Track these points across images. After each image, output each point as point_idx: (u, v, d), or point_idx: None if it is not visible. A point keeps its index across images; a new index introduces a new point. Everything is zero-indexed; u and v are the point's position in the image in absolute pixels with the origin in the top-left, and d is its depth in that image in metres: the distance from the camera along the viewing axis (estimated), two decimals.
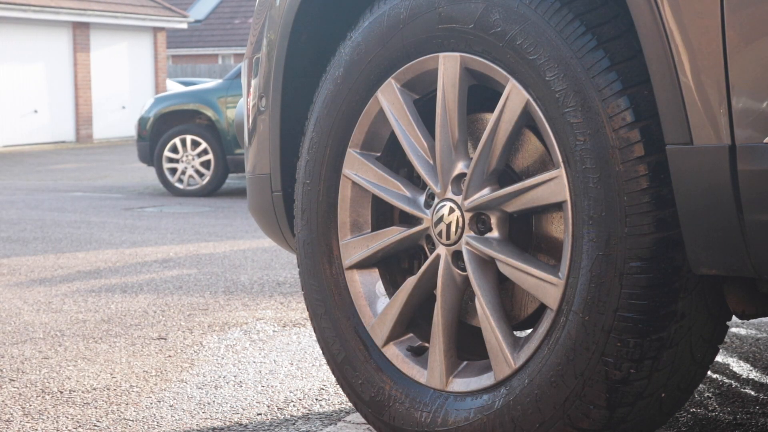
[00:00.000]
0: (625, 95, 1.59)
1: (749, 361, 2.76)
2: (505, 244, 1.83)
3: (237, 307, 3.85)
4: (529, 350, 1.75)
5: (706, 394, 2.42)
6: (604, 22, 1.63)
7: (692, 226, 1.53)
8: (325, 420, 2.34)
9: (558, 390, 1.69)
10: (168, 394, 2.58)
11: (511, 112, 1.75)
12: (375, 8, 1.99)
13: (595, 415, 1.68)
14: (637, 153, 1.58)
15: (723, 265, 1.53)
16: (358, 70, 2.00)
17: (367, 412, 2.03)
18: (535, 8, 1.69)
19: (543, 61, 1.67)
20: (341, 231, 2.08)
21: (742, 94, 1.46)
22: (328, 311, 2.09)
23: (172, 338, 3.28)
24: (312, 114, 2.11)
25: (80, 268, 4.90)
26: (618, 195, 1.59)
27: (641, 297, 1.60)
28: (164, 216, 7.72)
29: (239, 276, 4.64)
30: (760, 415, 2.24)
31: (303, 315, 3.65)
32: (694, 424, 2.18)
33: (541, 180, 1.73)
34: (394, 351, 2.00)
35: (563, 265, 1.70)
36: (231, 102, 11.14)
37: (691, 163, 1.51)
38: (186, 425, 2.32)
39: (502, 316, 1.81)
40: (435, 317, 1.91)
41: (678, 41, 1.50)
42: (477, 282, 1.83)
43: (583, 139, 1.63)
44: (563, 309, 1.69)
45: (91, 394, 2.58)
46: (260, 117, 2.31)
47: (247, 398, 2.53)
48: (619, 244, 1.60)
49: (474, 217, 1.85)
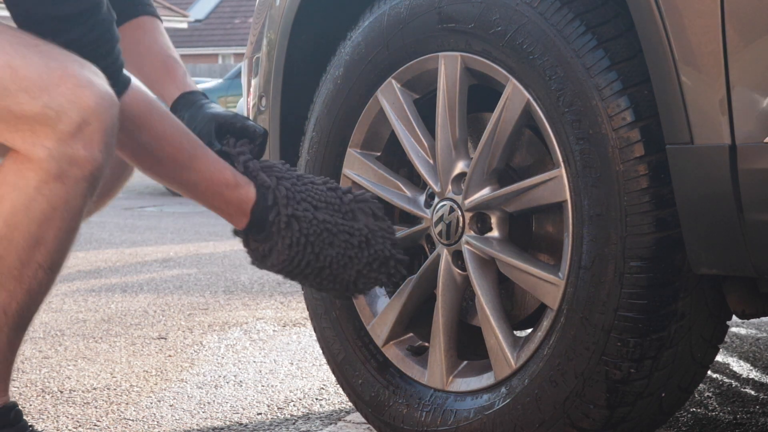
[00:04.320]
0: (625, 95, 1.59)
1: (749, 361, 2.76)
2: (505, 243, 1.83)
3: (237, 307, 3.85)
4: (529, 350, 1.75)
5: (706, 393, 2.42)
6: (604, 21, 1.63)
7: (692, 226, 1.53)
8: (325, 420, 2.34)
9: (558, 389, 1.69)
10: (168, 394, 2.58)
11: (511, 111, 1.75)
12: (375, 8, 1.99)
13: (596, 415, 1.68)
14: (637, 153, 1.58)
15: (723, 264, 1.53)
16: (358, 70, 2.00)
17: (367, 411, 2.03)
18: (536, 8, 1.69)
19: (543, 60, 1.67)
20: None
21: (742, 93, 1.46)
22: (327, 311, 2.09)
23: (172, 338, 3.28)
24: (312, 114, 2.11)
25: (80, 268, 4.90)
26: (618, 195, 1.59)
27: (641, 297, 1.60)
28: (164, 216, 7.72)
29: (239, 276, 4.64)
30: (760, 415, 2.24)
31: (303, 315, 3.65)
32: (694, 423, 2.18)
33: (541, 180, 1.73)
34: (394, 351, 2.00)
35: (563, 265, 1.70)
36: (231, 102, 11.13)
37: (691, 162, 1.51)
38: (186, 425, 2.32)
39: (502, 316, 1.81)
40: (435, 317, 1.91)
41: (678, 41, 1.50)
42: (477, 282, 1.83)
43: (583, 139, 1.63)
44: (563, 309, 1.69)
45: (91, 394, 2.58)
46: (260, 117, 2.31)
47: (247, 398, 2.53)
48: (619, 243, 1.60)
49: (474, 217, 1.85)
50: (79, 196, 1.55)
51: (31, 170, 1.52)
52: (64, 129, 1.51)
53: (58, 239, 1.56)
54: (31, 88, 1.51)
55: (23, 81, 1.51)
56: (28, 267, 1.55)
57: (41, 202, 1.53)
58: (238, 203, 1.74)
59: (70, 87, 1.52)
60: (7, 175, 1.54)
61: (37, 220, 1.54)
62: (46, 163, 1.52)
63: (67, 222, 1.56)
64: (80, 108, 1.51)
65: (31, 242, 1.54)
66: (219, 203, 1.75)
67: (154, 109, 1.73)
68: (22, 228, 1.53)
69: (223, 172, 1.74)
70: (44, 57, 1.54)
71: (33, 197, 1.53)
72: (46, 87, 1.52)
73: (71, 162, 1.52)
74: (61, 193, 1.53)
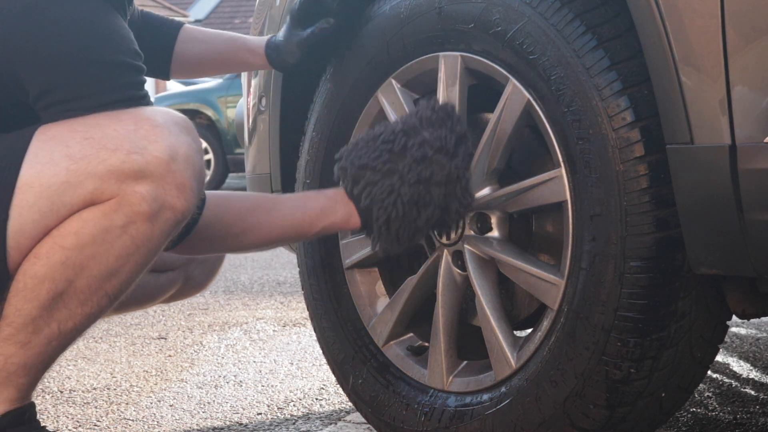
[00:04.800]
0: (625, 95, 1.59)
1: (749, 360, 2.76)
2: (505, 243, 1.83)
3: (237, 307, 3.85)
4: (530, 350, 1.75)
5: (706, 393, 2.42)
6: (604, 21, 1.63)
7: (692, 226, 1.53)
8: (325, 420, 2.34)
9: (558, 389, 1.69)
10: (168, 394, 2.58)
11: (511, 111, 1.75)
12: (375, 7, 1.98)
13: (596, 415, 1.68)
14: (637, 153, 1.58)
15: (723, 264, 1.53)
16: (359, 70, 2.00)
17: (367, 411, 2.03)
18: (536, 8, 1.69)
19: (543, 60, 1.67)
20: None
21: (742, 93, 1.46)
22: (327, 311, 2.09)
23: (172, 338, 3.28)
24: (312, 114, 2.11)
25: None
26: (618, 195, 1.59)
27: (641, 297, 1.60)
28: None
29: (239, 276, 4.64)
30: (760, 415, 2.24)
31: (303, 315, 3.65)
32: (694, 423, 2.18)
33: (541, 180, 1.73)
34: (395, 351, 2.00)
35: (563, 265, 1.70)
36: (231, 101, 11.15)
37: (691, 162, 1.51)
38: (186, 425, 2.32)
39: (502, 316, 1.81)
40: (435, 317, 1.91)
41: (678, 41, 1.50)
42: (477, 282, 1.83)
43: (583, 139, 1.63)
44: (563, 309, 1.69)
45: (91, 394, 2.58)
46: (260, 117, 2.31)
47: (247, 398, 2.53)
48: (619, 243, 1.60)
49: (474, 217, 1.85)
50: (163, 236, 1.58)
51: (118, 211, 1.55)
52: (154, 170, 1.54)
53: (131, 273, 1.60)
54: (110, 144, 1.54)
55: (102, 141, 1.55)
56: (95, 294, 1.58)
57: (125, 239, 1.56)
58: (343, 214, 1.81)
59: (147, 128, 1.56)
60: (90, 212, 1.56)
61: (117, 255, 1.57)
62: (138, 205, 1.55)
63: (145, 257, 1.59)
64: (164, 145, 1.55)
65: (106, 274, 1.57)
66: (325, 224, 1.82)
67: (223, 199, 1.79)
68: (100, 260, 1.56)
69: (306, 199, 1.85)
70: (114, 117, 1.58)
71: (117, 234, 1.55)
72: (125, 137, 1.55)
73: (164, 205, 1.56)
74: (147, 232, 1.57)
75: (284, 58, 2.02)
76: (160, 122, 1.57)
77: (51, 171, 1.54)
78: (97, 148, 1.54)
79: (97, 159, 1.54)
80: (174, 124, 1.59)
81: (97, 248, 1.55)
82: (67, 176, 1.54)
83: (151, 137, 1.55)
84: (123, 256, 1.57)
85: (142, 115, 1.58)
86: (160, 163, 1.54)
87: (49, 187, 1.54)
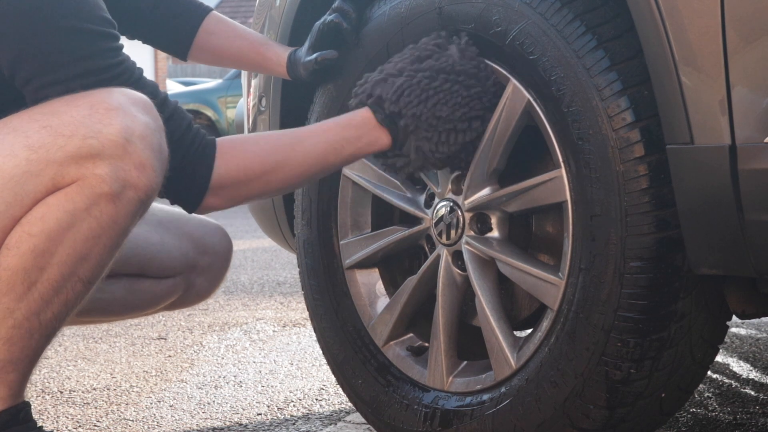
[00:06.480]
0: (625, 95, 1.59)
1: (749, 361, 2.76)
2: (505, 244, 1.83)
3: (237, 307, 3.85)
4: (529, 350, 1.75)
5: (706, 394, 2.42)
6: (604, 22, 1.63)
7: (692, 226, 1.53)
8: (325, 420, 2.34)
9: (558, 390, 1.69)
10: (168, 394, 2.58)
11: (511, 111, 1.75)
12: (375, 8, 1.98)
13: (595, 415, 1.68)
14: (637, 153, 1.58)
15: (723, 265, 1.53)
16: (359, 70, 2.00)
17: (367, 412, 2.03)
18: (536, 8, 1.69)
19: (543, 61, 1.67)
20: (341, 231, 2.08)
21: (742, 93, 1.46)
22: (328, 311, 2.09)
23: (172, 338, 3.29)
24: (312, 114, 2.11)
25: None
26: (618, 195, 1.59)
27: (641, 297, 1.60)
28: None
29: (239, 276, 4.64)
30: (760, 415, 2.24)
31: (303, 315, 3.65)
32: (694, 423, 2.18)
33: (541, 180, 1.73)
34: (395, 351, 2.00)
35: (563, 265, 1.70)
36: (231, 102, 11.16)
37: (691, 162, 1.51)
38: (186, 425, 2.32)
39: (502, 316, 1.81)
40: (435, 317, 1.91)
41: (678, 41, 1.50)
42: (477, 282, 1.83)
43: (583, 139, 1.63)
44: (563, 309, 1.69)
45: (91, 394, 2.58)
46: (260, 117, 2.31)
47: (247, 398, 2.53)
48: (619, 244, 1.60)
49: (474, 217, 1.85)
50: (128, 216, 1.59)
51: (80, 193, 1.56)
52: (111, 152, 1.55)
53: (101, 256, 1.60)
54: (66, 131, 1.55)
55: (59, 129, 1.56)
56: (69, 280, 1.59)
57: (90, 221, 1.57)
58: (368, 131, 1.80)
59: (102, 112, 1.56)
60: (54, 197, 1.57)
61: (84, 237, 1.57)
62: (98, 187, 1.56)
63: (113, 240, 1.60)
64: (118, 128, 1.55)
65: (75, 258, 1.58)
66: (352, 147, 1.80)
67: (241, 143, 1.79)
68: (68, 244, 1.57)
69: (327, 130, 1.81)
70: (71, 103, 1.58)
71: (82, 217, 1.56)
72: (80, 123, 1.56)
73: (125, 184, 1.56)
74: (111, 213, 1.57)
75: (299, 74, 2.04)
76: (115, 105, 1.57)
77: (12, 162, 1.56)
78: (54, 136, 1.55)
79: (55, 146, 1.55)
80: (131, 104, 1.59)
81: (64, 233, 1.56)
82: (27, 166, 1.55)
83: (105, 120, 1.56)
84: (90, 239, 1.57)
85: (98, 98, 1.58)
86: (116, 146, 1.55)
87: (11, 178, 1.55)
